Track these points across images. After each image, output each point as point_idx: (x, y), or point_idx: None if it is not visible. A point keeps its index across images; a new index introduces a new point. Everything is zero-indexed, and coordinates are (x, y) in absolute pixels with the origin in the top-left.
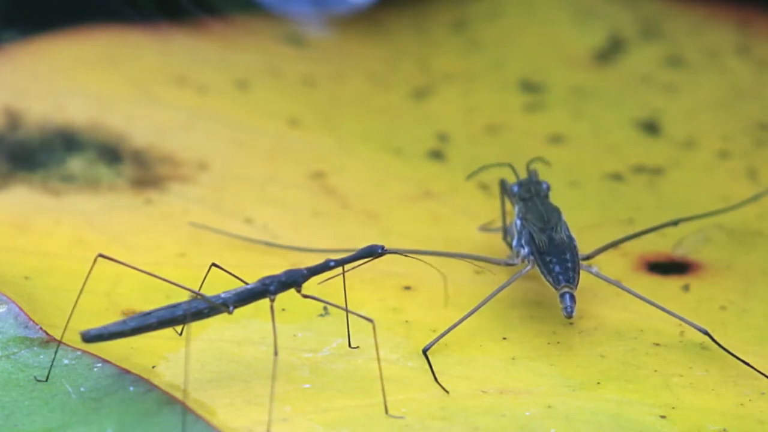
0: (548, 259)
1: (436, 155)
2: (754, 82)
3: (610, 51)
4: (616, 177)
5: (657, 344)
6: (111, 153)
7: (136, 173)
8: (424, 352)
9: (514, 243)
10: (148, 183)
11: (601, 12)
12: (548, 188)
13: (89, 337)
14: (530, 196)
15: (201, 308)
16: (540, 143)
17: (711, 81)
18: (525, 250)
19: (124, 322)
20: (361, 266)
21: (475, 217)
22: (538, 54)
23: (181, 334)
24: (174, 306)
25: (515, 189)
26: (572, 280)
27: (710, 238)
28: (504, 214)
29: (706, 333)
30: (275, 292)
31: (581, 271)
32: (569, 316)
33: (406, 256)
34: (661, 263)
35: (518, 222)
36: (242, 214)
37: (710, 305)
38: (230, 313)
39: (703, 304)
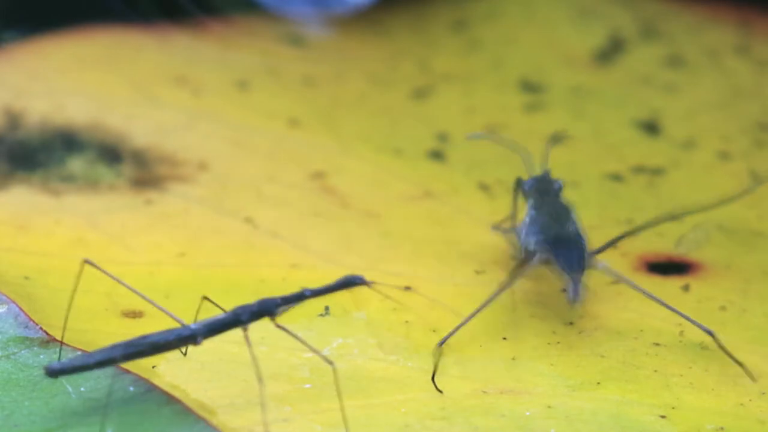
0: (556, 252)
1: (436, 155)
2: (754, 82)
3: (610, 51)
4: (616, 177)
5: (657, 344)
6: (111, 153)
7: (136, 173)
8: (439, 346)
9: (524, 237)
10: (148, 183)
11: (601, 12)
12: (560, 187)
13: (51, 371)
14: (542, 193)
15: (169, 339)
16: (540, 143)
17: (711, 81)
18: (534, 244)
19: (90, 354)
20: (362, 267)
21: (476, 217)
22: (538, 54)
23: (185, 354)
24: (143, 337)
25: (528, 185)
26: (579, 269)
27: (711, 237)
28: (515, 212)
29: (710, 333)
30: (247, 322)
31: (590, 269)
32: (574, 302)
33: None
34: (661, 263)
35: (531, 213)
36: (242, 214)
37: (710, 305)
38: (197, 344)
39: (703, 304)
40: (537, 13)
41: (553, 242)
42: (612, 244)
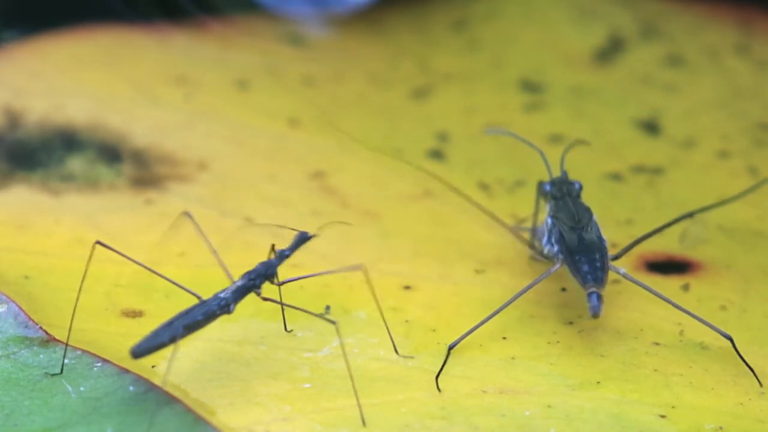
0: (577, 258)
1: (436, 155)
2: (754, 82)
3: (610, 51)
4: (616, 177)
5: (657, 343)
6: (111, 153)
7: (136, 173)
8: (450, 348)
9: (544, 241)
10: (148, 183)
11: (601, 12)
12: (580, 188)
13: (136, 354)
14: (562, 195)
15: (214, 309)
16: (540, 143)
17: (711, 81)
18: (555, 249)
19: (157, 334)
20: (361, 266)
21: (476, 217)
22: (538, 54)
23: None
24: (189, 311)
25: (547, 188)
26: (600, 280)
27: (710, 230)
28: (536, 214)
29: (729, 339)
30: (260, 285)
31: (612, 274)
32: (596, 316)
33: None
34: (661, 263)
35: (549, 221)
36: (242, 213)
37: (710, 305)
38: (230, 312)
39: (703, 303)
40: (537, 13)
41: (575, 254)
42: (630, 248)
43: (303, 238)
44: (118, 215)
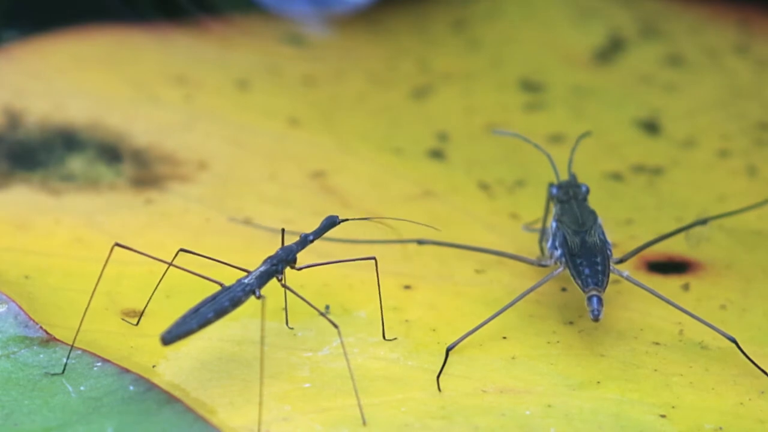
0: (579, 261)
1: (436, 155)
2: (754, 82)
3: (610, 51)
4: (616, 177)
5: (657, 343)
6: (111, 152)
7: (136, 173)
8: (448, 350)
9: (549, 244)
10: (148, 183)
11: (601, 12)
12: (587, 191)
13: (165, 340)
14: (568, 199)
15: (238, 294)
16: (540, 143)
17: (711, 81)
18: (558, 252)
19: (184, 322)
20: (361, 266)
21: (476, 217)
22: (538, 54)
23: None
24: (215, 297)
25: (554, 191)
26: (600, 283)
27: (711, 229)
28: (545, 217)
29: (733, 341)
30: (282, 270)
31: (612, 275)
32: (596, 319)
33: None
34: (661, 263)
35: (554, 224)
36: (242, 213)
37: (710, 304)
38: (259, 297)
39: (702, 303)
40: (537, 13)
41: (576, 258)
42: (636, 252)
43: (331, 222)
44: (118, 215)
